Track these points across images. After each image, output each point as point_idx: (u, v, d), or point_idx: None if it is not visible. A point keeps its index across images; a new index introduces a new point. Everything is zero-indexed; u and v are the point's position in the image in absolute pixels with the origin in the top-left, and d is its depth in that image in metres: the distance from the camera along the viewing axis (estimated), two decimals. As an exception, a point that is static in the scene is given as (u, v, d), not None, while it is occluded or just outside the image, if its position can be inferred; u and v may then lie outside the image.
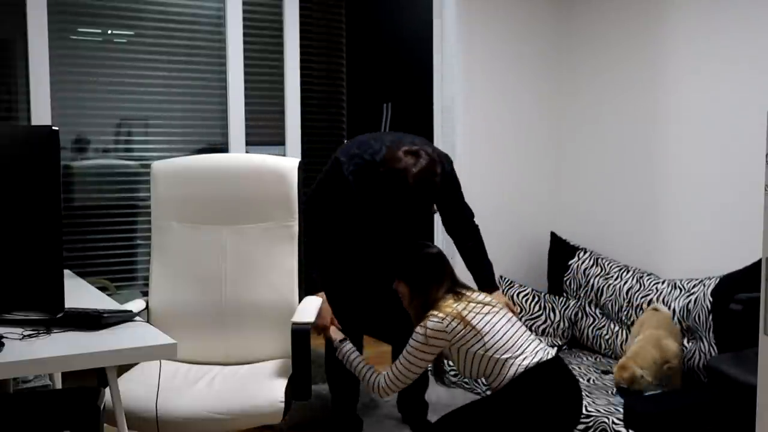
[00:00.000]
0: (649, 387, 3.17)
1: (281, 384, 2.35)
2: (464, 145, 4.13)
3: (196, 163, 2.73)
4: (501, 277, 4.27)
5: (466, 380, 3.71)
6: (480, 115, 4.20)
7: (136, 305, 2.51)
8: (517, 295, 4.14)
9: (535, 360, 2.50)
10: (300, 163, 2.70)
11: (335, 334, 2.74)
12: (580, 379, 3.55)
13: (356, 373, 2.64)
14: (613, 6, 4.08)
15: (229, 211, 2.68)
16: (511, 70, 4.28)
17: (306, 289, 2.78)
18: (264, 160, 2.74)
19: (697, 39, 3.64)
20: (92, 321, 1.97)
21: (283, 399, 2.29)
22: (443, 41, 4.14)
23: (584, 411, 3.12)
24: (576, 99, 4.35)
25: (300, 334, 2.37)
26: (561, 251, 4.25)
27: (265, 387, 2.34)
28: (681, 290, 3.51)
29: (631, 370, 3.14)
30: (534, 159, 4.39)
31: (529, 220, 4.39)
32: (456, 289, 2.63)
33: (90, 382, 2.29)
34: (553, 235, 4.34)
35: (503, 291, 4.19)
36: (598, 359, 3.88)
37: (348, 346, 2.69)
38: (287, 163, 2.69)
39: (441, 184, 2.71)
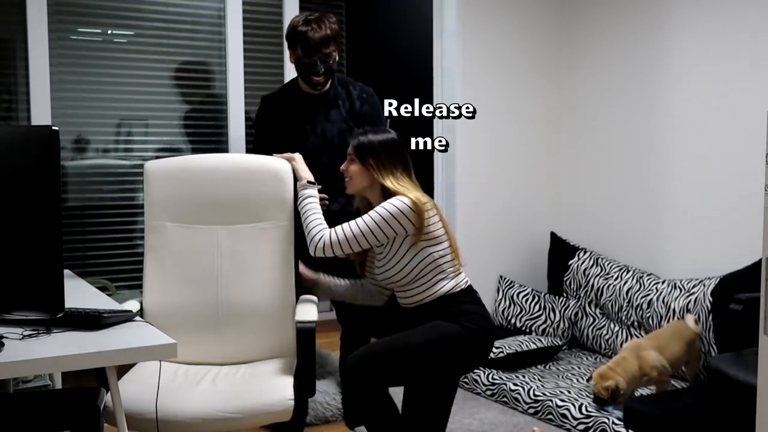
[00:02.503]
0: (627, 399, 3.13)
1: (289, 382, 2.36)
2: (464, 145, 4.13)
3: (190, 163, 2.73)
4: (501, 277, 4.27)
5: (465, 379, 3.71)
6: (480, 115, 4.19)
7: (131, 306, 2.50)
8: (517, 295, 4.15)
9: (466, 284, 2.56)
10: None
11: (302, 170, 2.69)
12: (579, 379, 3.55)
13: (304, 219, 2.54)
14: (614, 6, 4.08)
15: (224, 211, 2.67)
16: (512, 70, 4.28)
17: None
18: (259, 160, 2.74)
19: (698, 39, 3.64)
20: (92, 321, 1.97)
21: (293, 396, 2.29)
22: (443, 41, 4.14)
23: (584, 411, 3.12)
24: (576, 99, 4.35)
25: (305, 332, 2.38)
26: (561, 251, 4.25)
27: (274, 385, 2.34)
28: (681, 290, 3.52)
29: (613, 381, 3.07)
30: (534, 159, 4.39)
31: (529, 220, 4.39)
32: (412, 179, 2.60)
33: (90, 382, 2.28)
34: (553, 235, 4.34)
35: (503, 291, 4.20)
36: (598, 359, 3.88)
37: (311, 192, 2.61)
38: (283, 164, 2.70)
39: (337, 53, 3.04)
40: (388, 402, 2.49)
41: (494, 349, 3.68)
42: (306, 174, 2.66)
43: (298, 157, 2.72)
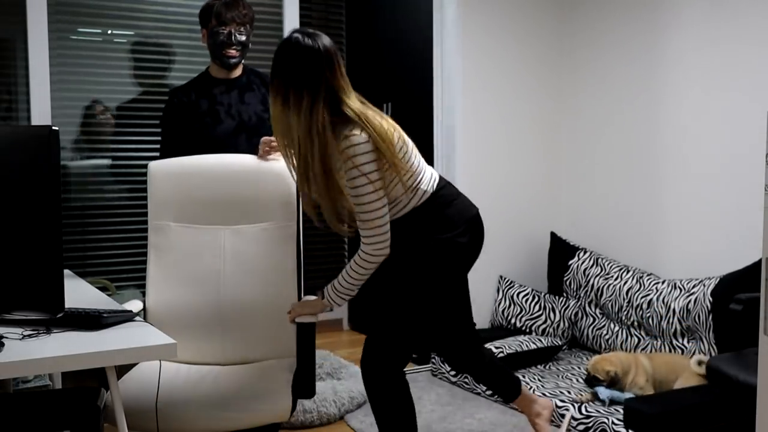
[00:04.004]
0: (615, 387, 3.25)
1: (288, 382, 2.36)
2: (464, 145, 4.14)
3: (193, 163, 2.73)
4: (501, 277, 4.27)
5: (465, 379, 3.71)
6: (480, 114, 4.20)
7: (133, 306, 2.51)
8: (517, 295, 4.15)
9: (433, 185, 2.43)
10: (299, 163, 2.70)
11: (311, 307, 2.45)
12: (579, 379, 3.55)
13: (350, 280, 2.36)
14: (615, 6, 4.09)
15: (227, 211, 2.68)
16: (512, 70, 4.28)
17: None
18: (263, 160, 2.74)
19: (698, 40, 3.64)
20: (92, 321, 1.97)
21: (291, 397, 2.30)
22: (443, 41, 4.14)
23: (584, 411, 3.12)
24: (576, 99, 4.35)
25: (305, 332, 2.39)
26: (561, 251, 4.25)
27: (274, 385, 2.35)
28: (681, 290, 3.52)
29: (614, 368, 3.22)
30: (534, 159, 4.39)
31: (529, 220, 4.40)
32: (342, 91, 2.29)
33: (90, 382, 2.28)
34: (553, 235, 4.34)
35: (503, 291, 4.20)
36: (598, 359, 3.88)
37: (328, 294, 2.42)
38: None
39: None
40: (409, 402, 2.50)
41: (494, 349, 3.68)
42: (318, 305, 2.44)
43: (301, 307, 2.46)
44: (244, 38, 3.02)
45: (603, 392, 3.22)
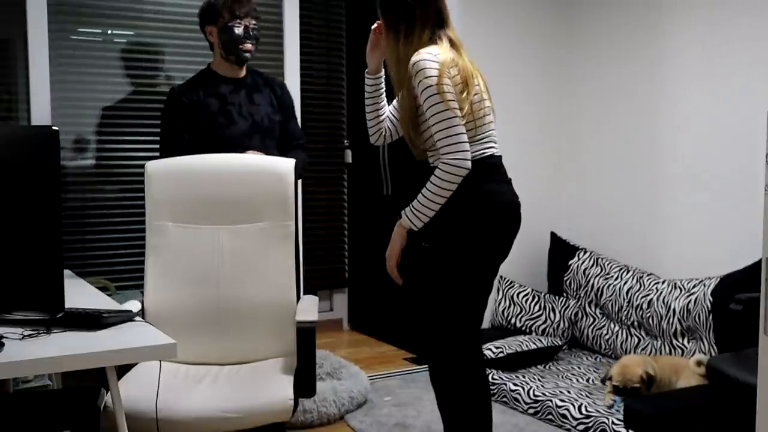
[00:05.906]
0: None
1: (289, 381, 2.36)
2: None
3: (191, 163, 2.73)
4: (501, 277, 4.27)
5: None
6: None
7: (132, 306, 2.51)
8: (517, 295, 4.15)
9: (479, 155, 2.38)
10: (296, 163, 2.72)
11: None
12: (579, 379, 3.55)
13: (428, 194, 2.28)
14: (615, 6, 4.09)
15: (225, 211, 2.68)
16: (512, 70, 4.28)
17: None
18: (260, 160, 2.75)
19: (697, 39, 3.64)
20: (92, 321, 1.97)
21: (293, 396, 2.30)
22: (443, 41, 4.14)
23: (584, 411, 3.12)
24: (576, 99, 4.35)
25: (306, 332, 2.39)
26: (561, 251, 4.25)
27: (274, 385, 2.35)
28: (681, 290, 3.52)
29: (642, 368, 3.12)
30: (534, 159, 4.39)
31: (529, 220, 4.39)
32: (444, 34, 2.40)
33: (90, 382, 2.29)
34: (553, 235, 4.34)
35: (503, 291, 4.20)
36: (598, 359, 3.88)
37: (405, 214, 2.37)
38: (284, 164, 2.70)
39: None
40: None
41: (494, 349, 3.68)
42: (397, 234, 2.40)
43: (391, 251, 2.43)
44: (257, 32, 3.01)
45: (618, 400, 3.12)
